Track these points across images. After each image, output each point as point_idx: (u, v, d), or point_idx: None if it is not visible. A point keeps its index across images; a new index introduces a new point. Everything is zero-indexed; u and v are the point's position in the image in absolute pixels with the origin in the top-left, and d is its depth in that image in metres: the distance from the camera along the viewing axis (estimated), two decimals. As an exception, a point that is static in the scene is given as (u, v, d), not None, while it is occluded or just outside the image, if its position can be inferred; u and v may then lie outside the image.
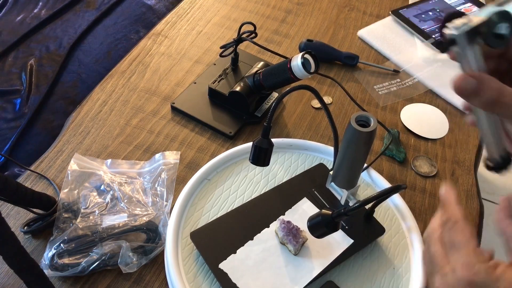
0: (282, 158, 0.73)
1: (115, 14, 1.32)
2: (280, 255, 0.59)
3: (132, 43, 1.21)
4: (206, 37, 1.01)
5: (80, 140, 0.79)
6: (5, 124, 1.04)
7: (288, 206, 0.64)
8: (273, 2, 1.12)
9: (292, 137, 0.82)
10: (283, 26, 1.06)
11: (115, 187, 0.69)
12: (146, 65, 0.93)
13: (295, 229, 0.60)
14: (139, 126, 0.82)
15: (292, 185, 0.67)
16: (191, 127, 0.82)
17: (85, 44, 1.23)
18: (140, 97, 0.87)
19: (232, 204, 0.66)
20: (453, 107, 0.91)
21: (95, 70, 1.16)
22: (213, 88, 0.83)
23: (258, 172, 0.70)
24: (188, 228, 0.62)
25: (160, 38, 0.99)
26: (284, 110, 0.87)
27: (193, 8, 1.08)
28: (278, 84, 0.76)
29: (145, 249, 0.63)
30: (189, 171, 0.75)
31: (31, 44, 1.22)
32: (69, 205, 0.66)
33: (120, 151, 0.77)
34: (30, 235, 0.65)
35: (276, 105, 0.55)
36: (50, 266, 0.59)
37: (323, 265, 0.58)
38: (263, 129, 0.57)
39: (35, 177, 0.73)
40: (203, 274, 0.58)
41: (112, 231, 0.63)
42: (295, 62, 0.71)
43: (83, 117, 0.82)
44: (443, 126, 0.87)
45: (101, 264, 0.61)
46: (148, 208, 0.67)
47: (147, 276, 0.63)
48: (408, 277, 0.60)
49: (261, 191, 0.68)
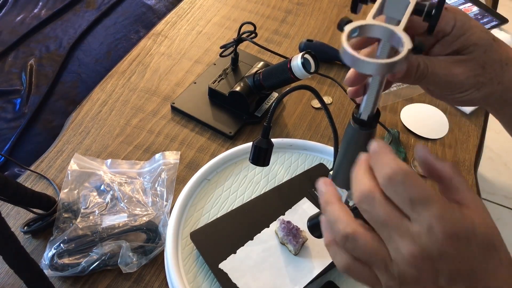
0: (282, 158, 0.73)
1: (115, 14, 1.32)
2: (280, 255, 0.59)
3: (132, 43, 1.21)
4: (206, 37, 1.01)
5: (80, 140, 0.79)
6: (5, 124, 1.04)
7: (288, 206, 0.64)
8: (273, 2, 1.12)
9: (292, 137, 0.82)
10: (283, 26, 1.06)
11: (115, 187, 0.69)
12: (146, 65, 0.93)
13: (295, 229, 0.60)
14: (139, 126, 0.82)
15: (292, 185, 0.67)
16: (191, 127, 0.82)
17: (85, 44, 1.23)
18: (140, 97, 0.87)
19: (232, 204, 0.66)
20: (453, 107, 0.91)
21: (95, 70, 1.16)
22: (213, 88, 0.83)
23: (258, 172, 0.70)
24: (188, 228, 0.62)
25: (160, 38, 0.99)
26: (284, 110, 0.87)
27: (193, 8, 1.08)
28: (278, 84, 0.76)
29: (145, 249, 0.63)
30: (189, 171, 0.75)
31: (31, 44, 1.22)
32: (69, 205, 0.66)
33: (120, 151, 0.77)
34: (30, 235, 0.65)
35: (276, 105, 0.55)
36: (50, 266, 0.59)
37: (323, 265, 0.58)
38: (263, 129, 0.57)
39: (35, 177, 0.73)
40: (203, 274, 0.58)
41: (112, 231, 0.63)
42: (295, 62, 0.71)
43: (83, 117, 0.82)
44: (443, 126, 0.87)
45: (101, 264, 0.61)
46: (148, 208, 0.67)
47: (147, 276, 0.63)
48: (408, 277, 0.60)
49: (261, 191, 0.68)
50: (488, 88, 0.39)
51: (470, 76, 0.38)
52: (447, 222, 0.30)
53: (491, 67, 0.38)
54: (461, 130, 0.87)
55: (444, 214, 0.30)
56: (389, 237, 0.31)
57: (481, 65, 0.38)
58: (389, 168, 0.31)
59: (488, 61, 0.38)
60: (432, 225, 0.30)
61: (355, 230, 0.33)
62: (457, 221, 0.30)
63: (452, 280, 0.31)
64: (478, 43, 0.38)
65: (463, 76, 0.38)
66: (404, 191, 0.30)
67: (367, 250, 0.32)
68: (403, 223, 0.30)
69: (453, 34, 0.38)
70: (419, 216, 0.30)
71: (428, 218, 0.30)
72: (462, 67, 0.38)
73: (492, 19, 1.09)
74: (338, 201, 0.35)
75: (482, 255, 0.31)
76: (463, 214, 0.31)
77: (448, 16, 0.38)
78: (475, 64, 0.38)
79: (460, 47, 0.38)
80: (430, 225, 0.30)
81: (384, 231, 0.31)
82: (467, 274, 0.31)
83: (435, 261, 0.30)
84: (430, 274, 0.31)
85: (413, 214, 0.30)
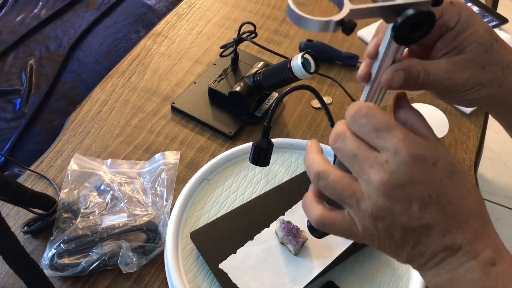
0: (282, 158, 0.73)
1: (115, 14, 1.32)
2: (280, 255, 0.59)
3: (132, 43, 1.21)
4: (206, 37, 1.01)
5: (80, 140, 0.79)
6: (5, 124, 1.04)
7: (288, 206, 0.64)
8: (273, 2, 1.12)
9: (292, 137, 0.82)
10: (283, 26, 1.06)
11: (115, 187, 0.69)
12: (146, 65, 0.93)
13: (295, 229, 0.60)
14: (139, 126, 0.82)
15: (292, 185, 0.67)
16: (191, 127, 0.82)
17: (85, 44, 1.23)
18: (140, 97, 0.87)
19: (232, 204, 0.66)
20: (453, 107, 0.91)
21: (95, 70, 1.16)
22: (213, 88, 0.83)
23: (258, 172, 0.70)
24: (188, 228, 0.62)
25: (160, 38, 0.99)
26: (284, 110, 0.87)
27: (193, 8, 1.08)
28: (278, 84, 0.76)
29: (145, 249, 0.63)
30: (189, 171, 0.75)
31: (31, 44, 1.22)
32: (69, 205, 0.66)
33: (120, 151, 0.77)
34: (30, 235, 0.65)
35: (276, 105, 0.55)
36: (50, 266, 0.59)
37: (323, 265, 0.58)
38: (263, 129, 0.57)
39: (35, 177, 0.73)
40: (203, 274, 0.58)
41: (112, 231, 0.63)
42: (295, 62, 0.71)
43: (83, 117, 0.82)
44: (443, 126, 0.87)
45: (101, 264, 0.61)
46: (148, 208, 0.67)
47: (147, 276, 0.63)
48: (408, 277, 0.60)
49: (261, 191, 0.68)
50: (488, 90, 0.38)
51: (470, 77, 0.37)
52: (412, 144, 0.31)
53: (491, 69, 0.38)
54: (461, 130, 0.87)
55: (408, 137, 0.31)
56: (360, 171, 0.32)
57: (481, 66, 0.38)
58: (355, 107, 0.33)
59: (489, 62, 0.38)
60: (397, 148, 0.31)
61: (328, 168, 0.34)
62: (421, 144, 0.31)
63: (424, 206, 0.31)
64: (480, 42, 0.37)
65: (464, 77, 0.37)
66: (369, 121, 0.32)
67: (338, 184, 0.33)
68: (372, 154, 0.32)
69: (456, 29, 0.37)
70: (384, 142, 0.31)
71: (393, 142, 0.31)
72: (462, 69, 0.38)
73: (492, 19, 1.09)
74: (318, 151, 0.37)
75: (450, 180, 0.32)
76: (425, 140, 0.32)
77: (453, 10, 0.37)
78: (475, 65, 0.38)
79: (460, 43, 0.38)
80: (395, 149, 0.31)
81: (355, 165, 0.32)
82: (438, 199, 0.31)
83: (405, 187, 0.31)
84: (401, 202, 0.31)
85: (379, 141, 0.32)
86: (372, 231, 0.33)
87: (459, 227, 0.32)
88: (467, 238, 0.32)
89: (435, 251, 0.32)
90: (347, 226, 0.35)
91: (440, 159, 0.32)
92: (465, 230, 0.32)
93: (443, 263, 0.32)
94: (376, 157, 0.31)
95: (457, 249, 0.32)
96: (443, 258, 0.32)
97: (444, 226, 0.32)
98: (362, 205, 0.32)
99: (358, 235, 0.34)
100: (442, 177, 0.31)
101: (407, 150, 0.30)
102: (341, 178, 0.34)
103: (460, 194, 0.32)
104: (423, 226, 0.32)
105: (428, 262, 0.33)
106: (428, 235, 0.32)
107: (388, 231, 0.33)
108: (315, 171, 0.35)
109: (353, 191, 0.33)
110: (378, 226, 0.33)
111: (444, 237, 0.32)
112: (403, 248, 0.33)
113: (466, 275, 0.32)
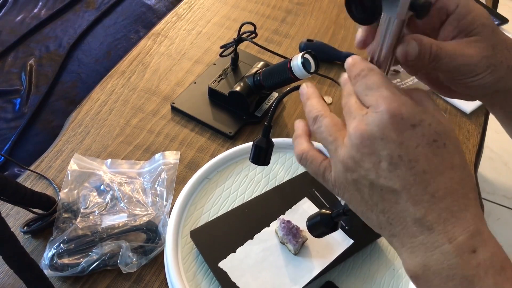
0: (283, 158, 0.73)
1: (115, 14, 1.32)
2: (280, 255, 0.59)
3: (132, 43, 1.21)
4: (206, 37, 1.01)
5: (80, 140, 0.79)
6: (5, 124, 1.04)
7: (288, 206, 0.64)
8: (273, 2, 1.12)
9: (292, 137, 0.82)
10: (283, 26, 1.06)
11: (115, 187, 0.69)
12: (146, 65, 0.93)
13: (295, 228, 0.60)
14: (139, 126, 0.82)
15: (293, 185, 0.67)
16: (191, 127, 0.82)
17: (85, 44, 1.23)
18: (140, 97, 0.87)
19: (232, 203, 0.66)
20: (453, 107, 0.91)
21: (95, 70, 1.16)
22: (213, 88, 0.83)
23: (258, 172, 0.70)
24: (188, 228, 0.62)
25: (160, 38, 0.99)
26: (284, 110, 0.87)
27: (193, 8, 1.08)
28: (278, 84, 0.76)
29: (145, 249, 0.63)
30: (189, 171, 0.75)
31: (31, 44, 1.22)
32: (69, 205, 0.66)
33: (120, 151, 0.77)
34: (30, 235, 0.65)
35: (277, 105, 0.55)
36: (50, 266, 0.59)
37: (323, 265, 0.58)
38: (263, 129, 0.57)
39: (35, 177, 0.73)
40: (203, 273, 0.58)
41: (112, 231, 0.62)
42: (295, 62, 0.71)
43: (83, 117, 0.82)
44: (443, 126, 0.87)
45: (101, 264, 0.61)
46: (148, 208, 0.67)
47: (147, 276, 0.63)
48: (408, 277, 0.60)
49: (262, 191, 0.68)
50: (499, 72, 0.37)
51: (483, 57, 0.37)
52: (394, 101, 0.31)
53: (500, 49, 0.37)
54: (461, 130, 0.87)
55: (392, 95, 0.31)
56: (347, 122, 0.34)
57: (492, 46, 0.37)
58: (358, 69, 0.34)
59: (498, 42, 0.37)
60: (378, 103, 0.31)
61: (325, 114, 0.36)
62: (405, 104, 0.31)
63: (393, 166, 0.31)
64: (486, 23, 0.37)
65: (477, 57, 0.37)
66: (364, 81, 0.33)
67: (327, 129, 0.35)
68: (362, 109, 0.33)
69: (458, 12, 0.37)
70: (369, 98, 0.32)
71: (376, 97, 0.32)
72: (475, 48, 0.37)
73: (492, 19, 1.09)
74: (318, 97, 0.38)
75: (428, 149, 0.31)
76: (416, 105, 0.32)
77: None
78: (487, 45, 0.37)
79: (467, 27, 0.37)
80: (376, 102, 0.31)
81: (346, 116, 0.34)
82: (409, 164, 0.31)
83: (376, 140, 0.31)
84: (371, 156, 0.31)
85: (366, 98, 0.33)
86: (342, 181, 0.34)
87: (431, 201, 0.30)
88: (442, 216, 0.30)
89: (406, 222, 0.31)
90: (322, 168, 0.36)
91: (423, 124, 0.31)
92: (438, 206, 0.30)
93: (417, 240, 0.31)
94: (362, 109, 0.32)
95: (430, 227, 0.30)
96: (415, 233, 0.31)
97: (414, 194, 0.30)
98: (338, 151, 0.34)
99: (330, 182, 0.35)
100: (419, 143, 0.30)
101: (386, 105, 0.31)
102: (332, 124, 0.35)
103: (439, 168, 0.31)
104: (391, 189, 0.31)
105: (400, 234, 0.32)
106: (397, 202, 0.31)
107: (357, 185, 0.33)
108: (313, 115, 0.36)
109: (335, 138, 0.34)
110: (348, 177, 0.33)
111: (414, 207, 0.31)
112: (371, 210, 0.33)
113: (443, 261, 0.30)
